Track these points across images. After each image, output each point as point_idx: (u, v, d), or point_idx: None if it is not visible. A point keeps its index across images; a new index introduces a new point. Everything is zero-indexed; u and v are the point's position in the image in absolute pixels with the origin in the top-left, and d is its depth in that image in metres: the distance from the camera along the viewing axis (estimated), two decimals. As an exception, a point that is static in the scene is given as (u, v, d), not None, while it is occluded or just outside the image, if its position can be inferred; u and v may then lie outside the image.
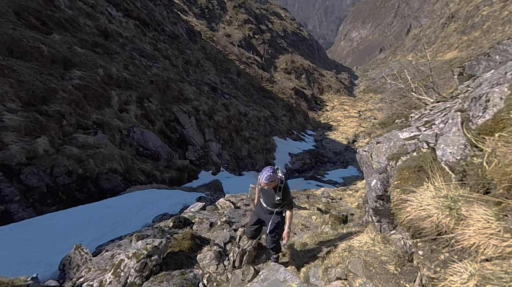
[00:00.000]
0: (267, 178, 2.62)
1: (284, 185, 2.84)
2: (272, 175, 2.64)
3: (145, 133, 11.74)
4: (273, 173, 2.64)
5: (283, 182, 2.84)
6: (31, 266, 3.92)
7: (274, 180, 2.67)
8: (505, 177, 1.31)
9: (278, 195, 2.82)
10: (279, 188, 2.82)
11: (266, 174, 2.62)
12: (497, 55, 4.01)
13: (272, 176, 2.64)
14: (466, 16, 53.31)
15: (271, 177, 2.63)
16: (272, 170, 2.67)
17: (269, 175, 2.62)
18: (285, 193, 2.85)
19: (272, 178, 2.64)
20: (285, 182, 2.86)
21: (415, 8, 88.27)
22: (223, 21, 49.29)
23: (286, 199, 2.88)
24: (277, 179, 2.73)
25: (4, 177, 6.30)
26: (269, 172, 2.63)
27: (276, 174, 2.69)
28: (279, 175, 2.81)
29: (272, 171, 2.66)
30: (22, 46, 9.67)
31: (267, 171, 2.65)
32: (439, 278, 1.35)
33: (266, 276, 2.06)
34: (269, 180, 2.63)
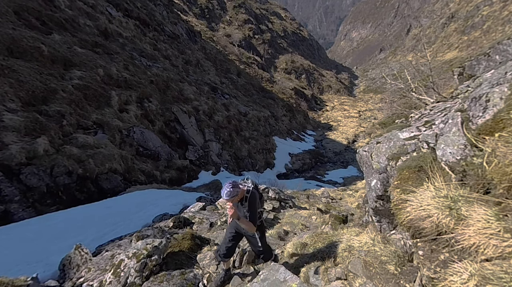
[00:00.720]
0: (227, 195, 2.48)
1: (250, 196, 2.68)
2: (233, 190, 2.50)
3: (145, 133, 11.74)
4: (233, 187, 2.50)
5: (249, 192, 2.70)
6: (31, 266, 3.92)
7: (237, 194, 2.53)
8: (505, 177, 1.31)
9: (244, 207, 2.69)
10: (245, 198, 2.68)
11: (225, 190, 2.48)
12: (497, 55, 4.01)
13: (233, 191, 2.50)
14: (466, 16, 53.33)
15: (231, 193, 2.49)
16: (231, 185, 2.52)
17: (229, 191, 2.48)
18: (249, 205, 2.67)
19: (232, 193, 2.49)
20: (252, 193, 2.70)
21: (415, 8, 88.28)
22: (223, 21, 49.31)
23: (250, 212, 2.66)
24: (240, 192, 2.60)
25: (4, 177, 6.30)
26: (228, 188, 2.49)
27: (237, 188, 2.54)
28: (245, 187, 2.72)
29: (232, 186, 2.51)
30: (22, 46, 9.67)
31: (226, 187, 2.50)
32: (439, 278, 1.35)
33: (266, 276, 2.06)
34: (230, 196, 2.49)
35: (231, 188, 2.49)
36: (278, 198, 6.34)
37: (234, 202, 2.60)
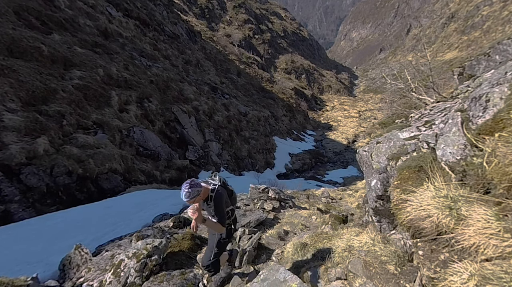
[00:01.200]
0: (186, 196, 2.27)
1: (215, 195, 2.48)
2: (192, 191, 2.28)
3: (145, 133, 11.74)
4: (191, 187, 2.27)
5: (214, 190, 2.50)
6: (31, 266, 3.92)
7: (197, 194, 2.33)
8: (505, 177, 1.31)
9: (210, 207, 2.52)
10: (210, 197, 2.50)
11: (184, 191, 2.27)
12: (497, 55, 4.01)
13: (192, 192, 2.28)
14: (466, 16, 53.33)
15: (190, 193, 2.27)
16: (189, 185, 2.28)
17: (187, 193, 2.26)
18: (215, 205, 2.48)
19: (192, 194, 2.28)
20: (217, 191, 2.50)
21: (415, 8, 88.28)
22: (223, 21, 49.30)
23: (216, 212, 2.48)
24: (203, 191, 2.39)
25: (4, 177, 6.30)
26: (186, 189, 2.26)
27: (196, 187, 2.32)
28: (209, 185, 2.52)
29: (190, 186, 2.28)
30: (22, 46, 9.67)
31: (183, 187, 2.28)
32: (439, 278, 1.35)
33: (266, 276, 2.06)
34: (189, 197, 2.27)
35: (189, 189, 2.27)
36: (278, 198, 6.34)
37: (197, 203, 2.41)
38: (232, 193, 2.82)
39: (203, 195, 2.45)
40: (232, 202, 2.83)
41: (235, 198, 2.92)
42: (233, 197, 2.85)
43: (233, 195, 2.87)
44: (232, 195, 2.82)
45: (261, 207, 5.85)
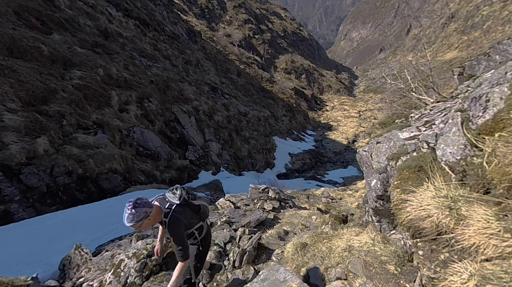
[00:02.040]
0: (129, 219, 1.78)
1: (169, 220, 1.99)
2: (136, 213, 1.78)
3: (145, 133, 11.74)
4: (136, 208, 1.79)
5: (168, 215, 2.00)
6: (31, 266, 3.92)
7: (145, 217, 1.84)
8: (505, 177, 1.31)
9: (166, 231, 2.05)
10: (164, 222, 2.02)
11: (125, 214, 1.78)
12: (497, 55, 4.01)
13: (136, 214, 1.79)
14: (466, 16, 53.32)
15: (134, 217, 1.79)
16: (132, 205, 1.80)
17: (130, 215, 1.78)
18: (169, 232, 2.01)
19: (136, 217, 1.79)
20: (171, 216, 1.99)
21: (415, 8, 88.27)
22: (223, 21, 49.30)
23: (173, 241, 2.02)
24: (153, 213, 1.92)
25: (4, 177, 6.30)
26: (128, 211, 1.78)
27: (143, 207, 1.84)
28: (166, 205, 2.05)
29: (133, 206, 1.79)
30: (22, 46, 9.67)
31: (125, 209, 1.80)
32: (439, 278, 1.35)
33: (266, 276, 2.06)
34: (134, 220, 1.79)
35: (133, 210, 1.78)
36: (278, 198, 6.34)
37: (146, 227, 1.92)
38: (199, 209, 2.33)
39: (155, 218, 1.97)
40: (201, 217, 2.38)
41: (205, 213, 2.44)
42: (202, 213, 2.38)
43: (202, 210, 2.37)
44: (199, 210, 2.34)
45: (261, 207, 5.85)
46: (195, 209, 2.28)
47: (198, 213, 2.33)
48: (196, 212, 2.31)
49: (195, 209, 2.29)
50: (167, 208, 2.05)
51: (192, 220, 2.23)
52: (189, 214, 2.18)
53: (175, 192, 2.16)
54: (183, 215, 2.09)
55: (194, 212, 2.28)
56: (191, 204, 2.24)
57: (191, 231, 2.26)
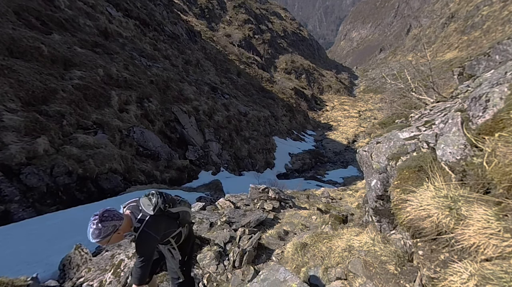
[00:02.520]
0: (95, 235, 1.60)
1: (139, 236, 1.78)
2: (103, 227, 1.60)
3: (145, 133, 11.74)
4: (102, 222, 1.61)
5: (138, 230, 1.79)
6: (31, 266, 3.92)
7: (114, 230, 1.66)
8: (505, 177, 1.31)
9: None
10: (133, 236, 1.83)
11: (91, 228, 1.61)
12: (497, 55, 4.01)
13: (104, 229, 1.61)
14: (466, 16, 53.32)
15: (102, 231, 1.61)
16: (98, 218, 1.62)
17: (96, 231, 1.60)
18: (136, 250, 1.82)
19: (104, 231, 1.61)
20: (142, 231, 1.78)
21: (415, 8, 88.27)
22: (223, 21, 49.30)
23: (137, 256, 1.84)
24: (122, 226, 1.72)
25: (4, 177, 6.30)
26: (94, 225, 1.60)
27: (111, 221, 1.65)
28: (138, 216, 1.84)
29: (100, 219, 1.61)
30: (22, 46, 9.67)
31: (90, 222, 1.62)
32: (439, 278, 1.35)
33: (266, 276, 2.06)
34: (100, 236, 1.61)
35: (99, 224, 1.60)
36: (278, 198, 6.34)
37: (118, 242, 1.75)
38: (178, 216, 2.16)
39: (125, 231, 1.76)
40: (180, 224, 2.21)
41: (185, 219, 2.27)
42: (181, 219, 2.21)
43: (181, 217, 2.21)
44: (179, 217, 2.17)
45: (261, 207, 5.85)
46: (173, 216, 2.11)
47: (177, 220, 2.17)
48: (175, 219, 2.15)
49: (174, 216, 2.12)
50: (138, 221, 1.81)
51: (169, 229, 2.06)
52: (165, 225, 1.99)
53: (151, 198, 1.93)
54: (156, 229, 1.87)
55: (172, 220, 2.11)
56: (169, 213, 2.03)
57: (167, 239, 2.12)
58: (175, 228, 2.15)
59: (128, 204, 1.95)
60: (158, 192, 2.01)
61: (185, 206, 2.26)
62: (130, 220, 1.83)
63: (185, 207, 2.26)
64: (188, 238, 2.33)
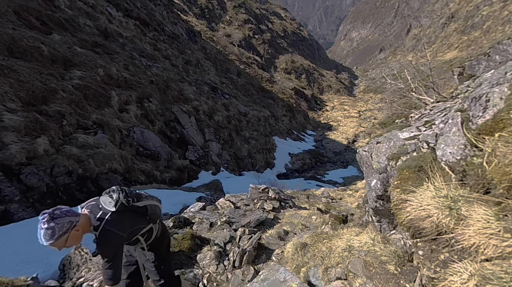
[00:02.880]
0: (49, 236, 1.42)
1: (99, 235, 1.62)
2: (57, 225, 1.43)
3: (145, 133, 11.74)
4: (55, 219, 1.43)
5: (98, 228, 1.62)
6: (31, 266, 3.92)
7: (71, 227, 1.49)
8: (505, 177, 1.31)
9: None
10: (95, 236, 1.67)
11: (42, 229, 1.42)
12: (497, 55, 4.01)
13: (58, 227, 1.43)
14: (466, 16, 53.32)
15: (57, 229, 1.43)
16: (47, 217, 1.43)
17: (49, 230, 1.41)
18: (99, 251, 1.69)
19: (59, 229, 1.43)
20: (103, 228, 1.62)
21: (415, 8, 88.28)
22: (223, 21, 49.30)
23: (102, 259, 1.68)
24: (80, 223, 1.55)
25: (4, 177, 6.29)
26: (45, 225, 1.41)
27: (65, 217, 1.47)
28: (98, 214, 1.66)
29: (51, 217, 1.43)
30: (22, 46, 9.67)
31: (40, 223, 1.44)
32: (439, 278, 1.35)
33: (266, 276, 2.06)
34: (55, 235, 1.43)
35: (52, 223, 1.42)
36: (278, 198, 6.34)
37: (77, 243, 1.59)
38: (146, 210, 1.99)
39: (85, 230, 1.60)
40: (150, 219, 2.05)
41: (155, 213, 2.10)
42: (151, 214, 2.05)
43: (150, 211, 2.03)
44: (147, 211, 2.01)
45: (261, 207, 5.85)
46: (140, 211, 1.94)
47: (145, 215, 1.99)
48: (143, 214, 1.97)
49: (141, 211, 1.95)
50: (98, 220, 1.62)
51: (137, 226, 1.89)
52: (131, 221, 1.82)
53: (112, 195, 1.76)
54: (120, 226, 1.69)
55: (140, 215, 1.94)
56: (134, 207, 1.86)
57: (136, 237, 1.93)
58: (145, 224, 1.98)
59: (86, 204, 1.77)
60: (119, 187, 1.85)
61: (153, 201, 2.10)
62: (89, 218, 1.64)
63: (153, 201, 2.10)
64: (162, 235, 2.17)
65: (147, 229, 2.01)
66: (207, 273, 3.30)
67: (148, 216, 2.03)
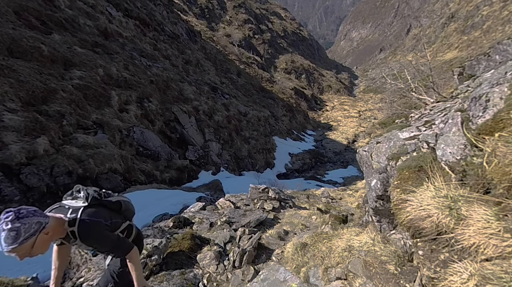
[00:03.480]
0: (12, 239, 1.19)
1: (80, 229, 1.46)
2: (23, 226, 1.22)
3: (145, 133, 11.74)
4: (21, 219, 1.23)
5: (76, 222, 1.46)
6: (31, 266, 3.91)
7: (39, 229, 1.28)
8: (505, 177, 1.31)
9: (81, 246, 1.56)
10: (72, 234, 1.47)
11: (4, 231, 1.20)
12: (497, 55, 4.01)
13: (24, 228, 1.22)
14: (466, 16, 53.31)
15: (22, 231, 1.22)
16: (12, 215, 1.21)
17: (12, 232, 1.20)
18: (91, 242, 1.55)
19: (25, 231, 1.22)
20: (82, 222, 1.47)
21: (415, 8, 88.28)
22: (223, 21, 49.30)
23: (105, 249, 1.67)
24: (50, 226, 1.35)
25: (4, 177, 6.29)
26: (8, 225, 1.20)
27: (32, 217, 1.26)
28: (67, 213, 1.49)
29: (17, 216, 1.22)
30: (22, 46, 9.66)
31: (1, 224, 1.21)
32: (439, 278, 1.35)
33: (266, 276, 2.06)
34: (20, 238, 1.21)
35: (17, 223, 1.21)
36: (278, 198, 6.34)
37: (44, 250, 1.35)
38: (120, 206, 1.87)
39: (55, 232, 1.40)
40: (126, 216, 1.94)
41: (130, 210, 2.00)
42: (125, 210, 1.93)
43: (124, 207, 1.92)
44: (121, 207, 1.89)
45: (261, 207, 5.85)
46: (114, 207, 1.81)
47: (119, 211, 1.87)
48: (117, 210, 1.84)
49: (115, 207, 1.82)
50: (72, 214, 1.49)
51: (114, 219, 1.75)
52: (107, 214, 1.69)
53: (77, 195, 1.64)
54: (98, 215, 1.59)
55: (113, 211, 1.80)
56: (106, 202, 1.74)
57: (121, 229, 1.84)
58: (121, 220, 1.86)
59: (50, 209, 1.56)
60: (84, 187, 1.71)
61: (124, 197, 2.01)
62: (60, 218, 1.45)
63: (124, 198, 1.99)
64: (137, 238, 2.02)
65: (126, 226, 1.89)
66: (207, 273, 3.30)
67: (123, 213, 1.91)
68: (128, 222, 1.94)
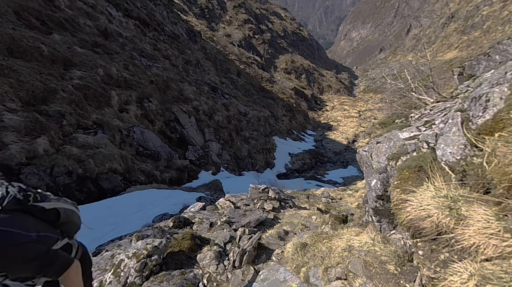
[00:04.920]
0: None
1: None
2: None
3: (145, 133, 11.74)
4: None
5: None
6: (31, 266, 3.91)
7: None
8: (505, 177, 1.31)
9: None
10: None
11: None
12: (497, 55, 4.02)
13: None
14: (466, 16, 53.31)
15: None
16: None
17: None
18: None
19: None
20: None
21: (415, 8, 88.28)
22: (223, 21, 49.30)
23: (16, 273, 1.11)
24: None
25: (4, 177, 6.29)
26: None
27: None
28: None
29: None
30: (22, 46, 9.67)
31: None
32: (439, 278, 1.35)
33: (266, 276, 2.06)
34: None
35: None
36: (278, 198, 6.34)
37: None
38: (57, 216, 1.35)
39: None
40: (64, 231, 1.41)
41: (73, 222, 1.48)
42: (63, 223, 1.39)
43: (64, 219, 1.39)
44: (58, 218, 1.35)
45: (261, 207, 5.85)
46: (46, 217, 1.28)
47: (56, 223, 1.34)
48: (51, 221, 1.32)
49: (47, 217, 1.29)
50: None
51: (43, 233, 1.21)
52: (32, 224, 1.17)
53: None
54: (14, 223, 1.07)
55: (45, 222, 1.28)
56: (33, 209, 1.21)
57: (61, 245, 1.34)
58: (56, 236, 1.31)
59: None
60: (6, 180, 1.20)
61: (69, 204, 1.45)
62: None
63: (69, 205, 1.45)
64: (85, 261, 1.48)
65: (63, 245, 1.32)
66: (207, 273, 3.30)
67: (61, 225, 1.35)
68: (67, 239, 1.38)
